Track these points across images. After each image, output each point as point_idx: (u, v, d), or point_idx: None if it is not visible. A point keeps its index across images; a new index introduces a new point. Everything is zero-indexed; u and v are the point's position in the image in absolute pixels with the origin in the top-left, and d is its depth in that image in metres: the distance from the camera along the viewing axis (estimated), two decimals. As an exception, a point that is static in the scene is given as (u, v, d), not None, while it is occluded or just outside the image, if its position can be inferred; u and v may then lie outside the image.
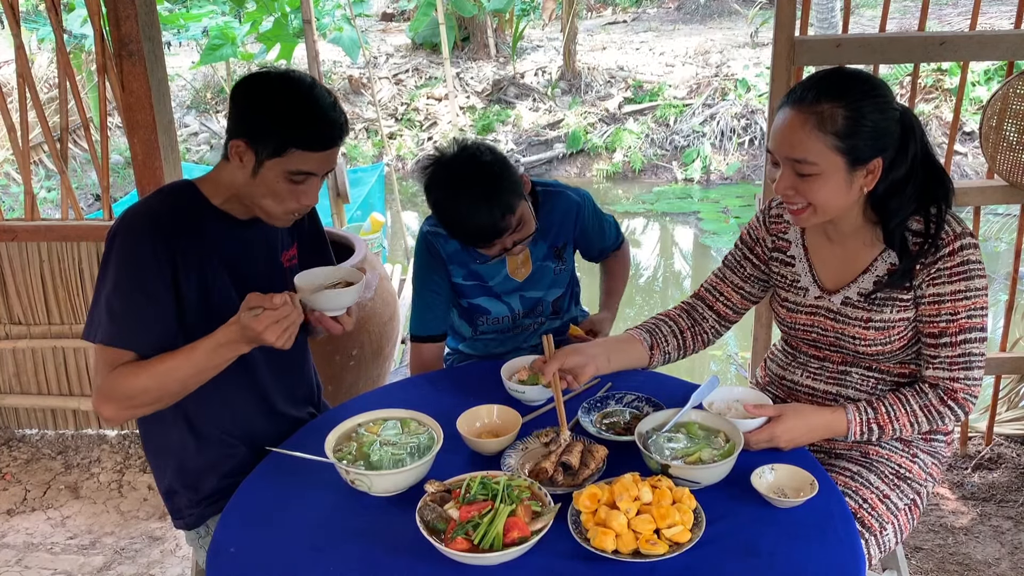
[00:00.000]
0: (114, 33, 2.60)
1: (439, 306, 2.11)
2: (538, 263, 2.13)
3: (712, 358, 5.66)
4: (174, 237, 1.61)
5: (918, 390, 1.69)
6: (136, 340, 1.58)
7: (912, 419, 1.67)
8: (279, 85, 1.60)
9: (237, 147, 1.60)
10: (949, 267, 1.61)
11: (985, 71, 8.51)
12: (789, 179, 1.60)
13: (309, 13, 5.28)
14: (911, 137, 1.60)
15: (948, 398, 1.66)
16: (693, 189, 9.05)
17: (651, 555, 1.32)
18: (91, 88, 8.13)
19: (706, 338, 1.93)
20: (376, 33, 13.49)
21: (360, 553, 1.39)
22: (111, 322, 1.58)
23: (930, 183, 1.62)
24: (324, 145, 1.60)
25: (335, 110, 1.61)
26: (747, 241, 1.90)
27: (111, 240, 1.61)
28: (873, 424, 1.67)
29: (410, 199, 9.33)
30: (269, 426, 1.83)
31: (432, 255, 2.09)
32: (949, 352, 1.64)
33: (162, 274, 1.59)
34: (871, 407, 1.68)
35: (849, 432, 1.68)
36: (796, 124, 1.56)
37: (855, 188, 1.60)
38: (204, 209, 1.68)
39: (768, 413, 1.63)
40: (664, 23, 13.88)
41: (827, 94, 1.54)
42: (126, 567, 2.62)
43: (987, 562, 2.51)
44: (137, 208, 1.65)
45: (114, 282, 1.58)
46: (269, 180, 1.60)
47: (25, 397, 3.22)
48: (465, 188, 1.84)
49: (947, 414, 1.67)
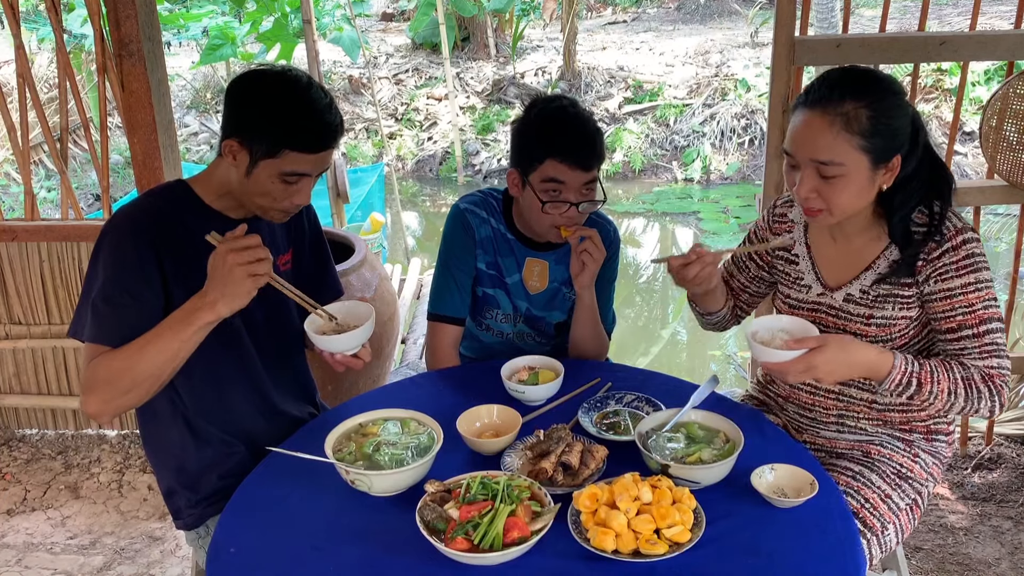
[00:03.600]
0: (114, 33, 2.60)
1: (463, 286, 2.06)
2: (555, 284, 2.10)
3: (712, 358, 5.66)
4: (162, 237, 1.61)
5: (961, 363, 1.62)
6: (120, 338, 1.56)
7: (952, 386, 1.59)
8: (275, 85, 1.59)
9: (231, 146, 1.59)
10: (955, 261, 1.61)
11: (985, 71, 8.51)
12: (812, 181, 1.59)
13: (309, 13, 5.28)
14: (920, 133, 1.61)
15: (987, 379, 1.60)
16: (693, 189, 9.05)
17: (651, 555, 1.32)
18: (91, 88, 8.13)
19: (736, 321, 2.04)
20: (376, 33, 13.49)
21: (360, 553, 1.39)
22: (96, 321, 1.57)
23: (933, 178, 1.64)
24: (318, 147, 1.59)
25: (331, 111, 1.60)
26: (753, 241, 1.92)
27: (100, 239, 1.61)
28: (914, 378, 1.59)
29: (410, 199, 9.33)
30: (268, 426, 1.83)
31: (466, 232, 2.05)
32: (975, 343, 1.61)
33: (148, 274, 1.59)
34: (917, 361, 1.60)
35: (889, 378, 1.59)
36: (822, 126, 1.55)
37: (875, 186, 1.60)
38: (196, 208, 1.68)
39: (810, 344, 1.54)
40: (664, 23, 13.87)
41: (850, 94, 1.54)
42: (126, 567, 2.62)
43: (987, 562, 2.51)
44: (127, 208, 1.65)
45: (100, 281, 1.58)
46: (262, 180, 1.60)
47: (25, 397, 3.22)
48: (574, 104, 1.93)
49: (985, 394, 1.60)
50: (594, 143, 1.88)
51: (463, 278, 2.07)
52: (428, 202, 9.42)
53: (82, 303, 1.62)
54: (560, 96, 1.96)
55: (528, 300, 2.10)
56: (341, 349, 1.69)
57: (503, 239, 2.07)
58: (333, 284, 2.00)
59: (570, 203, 1.89)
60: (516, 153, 1.95)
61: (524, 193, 1.94)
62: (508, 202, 2.09)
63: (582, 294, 2.01)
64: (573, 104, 1.92)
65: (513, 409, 1.70)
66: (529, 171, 1.90)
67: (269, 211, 1.67)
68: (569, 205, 1.89)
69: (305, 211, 1.92)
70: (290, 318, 1.88)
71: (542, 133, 1.88)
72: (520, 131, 1.94)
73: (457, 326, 2.09)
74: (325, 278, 1.98)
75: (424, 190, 9.65)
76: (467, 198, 2.09)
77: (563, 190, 1.88)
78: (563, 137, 1.86)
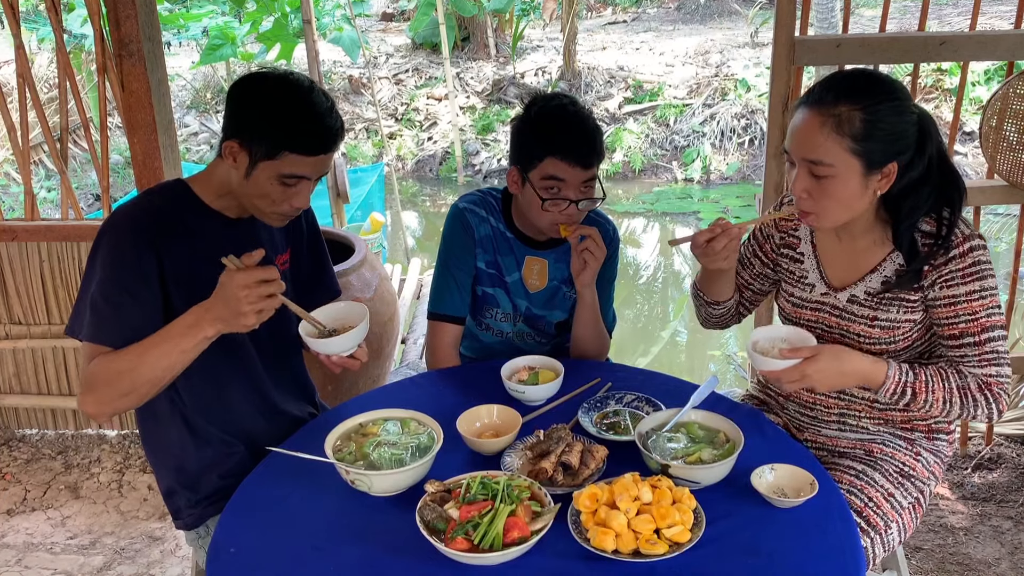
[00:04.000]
0: (114, 33, 2.60)
1: (463, 285, 2.07)
2: (554, 283, 2.10)
3: (712, 358, 5.67)
4: (160, 237, 1.61)
5: (959, 371, 1.64)
6: (118, 338, 1.56)
7: (947, 395, 1.62)
8: (276, 87, 1.59)
9: (231, 147, 1.59)
10: (961, 268, 1.61)
11: (985, 71, 8.51)
12: (805, 180, 1.60)
13: (309, 13, 5.28)
14: (928, 139, 1.59)
15: (984, 388, 1.62)
16: (693, 189, 9.05)
17: (651, 555, 1.32)
18: (91, 88, 8.13)
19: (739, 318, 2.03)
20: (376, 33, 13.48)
21: (360, 553, 1.39)
22: (94, 320, 1.58)
23: (945, 186, 1.62)
24: (318, 150, 1.59)
25: (331, 115, 1.60)
26: (758, 238, 1.91)
27: (99, 237, 1.61)
28: (909, 388, 1.62)
29: (410, 199, 9.33)
30: (269, 426, 1.83)
31: (466, 231, 2.05)
32: (975, 351, 1.62)
33: (146, 273, 1.59)
34: (912, 371, 1.63)
35: (884, 387, 1.63)
36: (814, 125, 1.55)
37: (870, 192, 1.59)
38: (195, 207, 1.68)
39: (804, 354, 1.59)
40: (664, 23, 13.87)
41: (846, 96, 1.54)
42: (126, 567, 2.62)
43: (987, 562, 2.51)
44: (126, 207, 1.65)
45: (99, 281, 1.58)
46: (261, 182, 1.60)
47: (25, 397, 3.21)
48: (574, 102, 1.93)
49: (981, 403, 1.62)
50: (593, 141, 1.89)
51: (463, 277, 2.07)
52: (428, 202, 9.42)
53: (80, 301, 1.62)
54: (559, 94, 1.97)
55: (528, 299, 2.10)
56: (336, 351, 1.69)
57: (502, 238, 2.07)
58: (331, 284, 2.00)
59: (570, 200, 1.89)
60: (516, 151, 1.95)
61: (524, 190, 1.95)
62: (507, 201, 2.09)
63: (583, 292, 2.01)
64: (573, 102, 1.92)
65: (513, 409, 1.70)
66: (529, 169, 1.91)
67: (267, 214, 1.67)
68: (569, 203, 1.89)
69: (304, 211, 1.92)
70: (289, 319, 1.88)
71: (542, 131, 1.89)
72: (520, 129, 1.95)
73: (457, 325, 2.09)
74: (323, 278, 1.98)
75: (424, 190, 9.65)
76: (466, 197, 2.10)
77: (563, 188, 1.88)
78: (563, 135, 1.86)
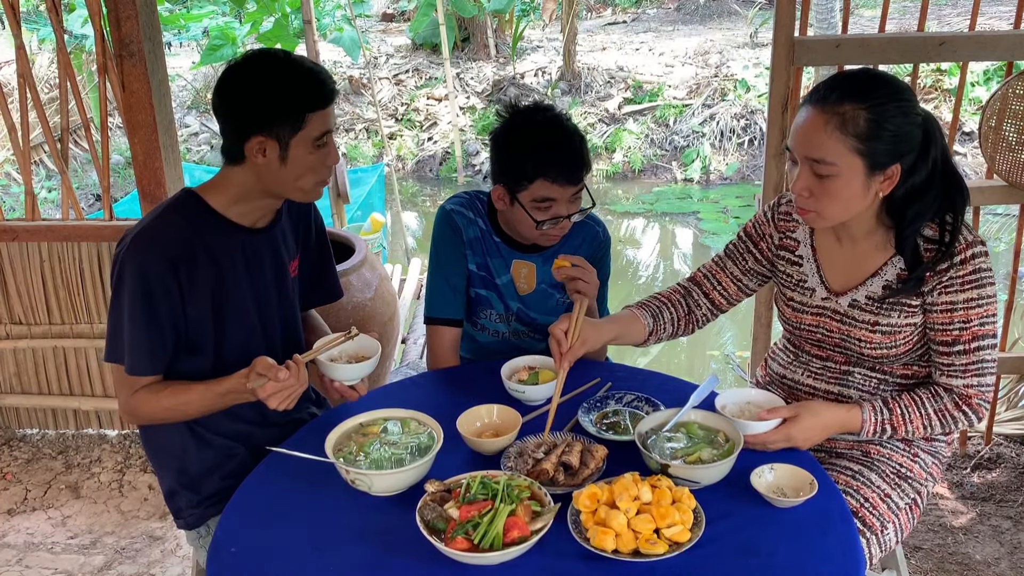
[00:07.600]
0: (114, 33, 2.61)
1: (456, 287, 2.05)
2: (542, 286, 2.09)
3: (711, 358, 5.67)
4: (179, 254, 1.62)
5: (933, 393, 1.68)
6: (155, 366, 1.66)
7: (926, 422, 1.67)
8: (262, 69, 1.61)
9: (256, 143, 1.59)
10: (962, 275, 1.61)
11: (985, 71, 8.51)
12: (806, 179, 1.59)
13: (309, 13, 5.28)
14: (932, 142, 1.59)
15: (963, 403, 1.66)
16: (693, 189, 9.04)
17: (651, 555, 1.32)
18: (91, 88, 8.12)
19: (696, 326, 1.96)
20: (376, 33, 13.48)
21: (360, 553, 1.39)
22: (132, 352, 1.63)
23: (949, 190, 1.61)
24: (328, 100, 1.63)
25: (316, 67, 1.65)
26: (752, 235, 1.89)
27: (119, 264, 1.61)
28: (887, 424, 1.67)
29: (410, 199, 9.33)
30: (270, 427, 1.83)
31: (455, 233, 2.04)
32: (963, 360, 1.64)
33: (171, 298, 1.63)
34: (887, 407, 1.67)
35: (863, 431, 1.68)
36: (818, 124, 1.55)
37: (871, 193, 1.59)
38: (210, 220, 1.68)
39: (783, 414, 1.62)
40: (664, 23, 13.86)
41: (851, 95, 1.54)
42: (126, 567, 2.62)
43: (987, 562, 2.51)
44: (142, 231, 1.64)
45: (129, 313, 1.61)
46: (300, 156, 1.62)
47: (26, 397, 3.22)
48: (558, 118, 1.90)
49: (961, 419, 1.67)
50: (581, 157, 1.88)
51: (456, 279, 2.06)
52: (428, 202, 9.42)
53: (113, 330, 1.66)
54: (540, 107, 1.93)
55: (520, 300, 2.10)
56: (343, 377, 1.73)
57: (490, 241, 2.06)
58: (333, 285, 2.01)
59: (562, 217, 1.90)
60: (502, 170, 1.92)
61: (513, 209, 1.93)
62: (493, 204, 2.07)
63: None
64: (556, 117, 1.90)
65: (513, 409, 1.70)
66: (518, 189, 1.88)
67: (309, 191, 1.69)
68: (561, 219, 1.90)
69: (313, 213, 1.93)
70: (298, 328, 1.90)
71: (530, 154, 1.86)
72: (504, 148, 1.92)
73: (455, 327, 2.08)
74: (325, 278, 1.99)
75: (424, 190, 9.65)
76: (453, 199, 2.08)
77: (554, 205, 1.88)
78: (552, 158, 1.85)
